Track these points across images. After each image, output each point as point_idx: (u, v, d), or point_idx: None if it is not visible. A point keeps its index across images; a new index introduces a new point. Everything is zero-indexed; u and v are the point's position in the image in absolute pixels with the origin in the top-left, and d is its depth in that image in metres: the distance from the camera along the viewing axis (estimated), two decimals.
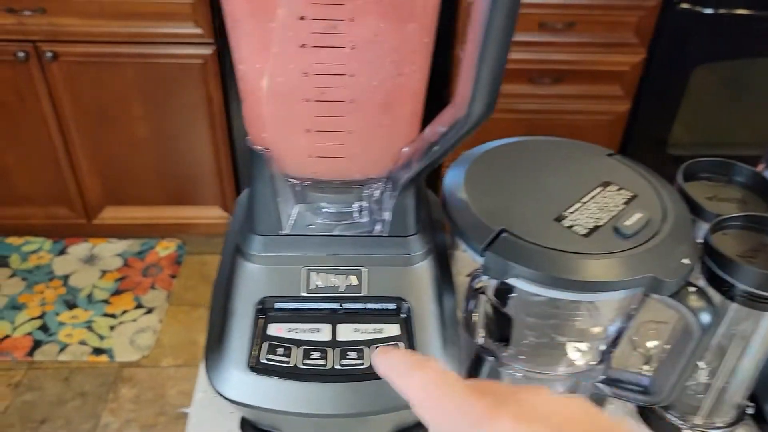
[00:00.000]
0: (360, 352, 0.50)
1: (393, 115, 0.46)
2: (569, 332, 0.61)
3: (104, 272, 1.99)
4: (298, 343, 0.50)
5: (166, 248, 2.09)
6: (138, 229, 2.09)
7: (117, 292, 1.92)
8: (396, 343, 0.51)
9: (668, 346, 0.65)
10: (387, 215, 0.51)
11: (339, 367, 0.50)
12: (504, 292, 0.61)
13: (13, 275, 1.95)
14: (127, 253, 2.06)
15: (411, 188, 0.50)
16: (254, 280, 0.51)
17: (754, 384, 0.61)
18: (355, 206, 0.52)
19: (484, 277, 0.66)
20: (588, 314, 0.61)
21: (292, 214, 0.51)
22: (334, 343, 0.51)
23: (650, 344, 0.70)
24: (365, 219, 0.52)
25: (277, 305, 0.51)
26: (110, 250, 2.06)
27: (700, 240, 0.55)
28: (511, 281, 0.51)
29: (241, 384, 0.49)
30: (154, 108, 1.83)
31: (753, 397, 0.63)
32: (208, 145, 1.90)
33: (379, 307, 0.52)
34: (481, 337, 0.61)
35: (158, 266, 2.02)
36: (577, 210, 0.54)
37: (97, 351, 1.75)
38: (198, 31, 1.75)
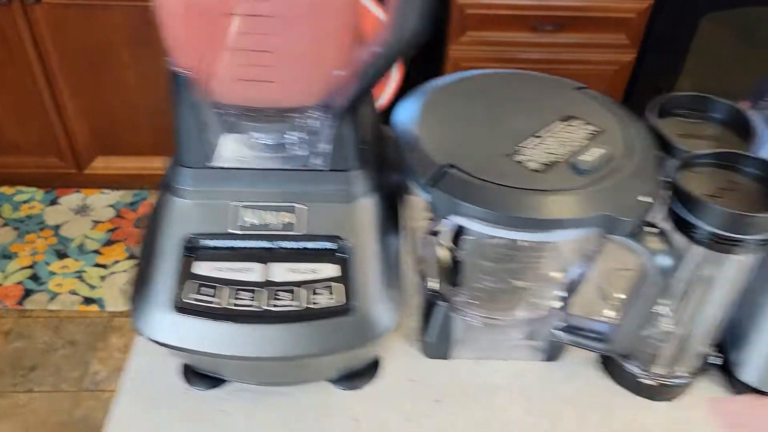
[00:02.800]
0: (293, 293, 0.47)
1: (321, 31, 0.42)
2: (527, 276, 0.58)
3: (96, 223, 1.97)
4: (228, 282, 0.47)
5: None
6: (129, 179, 2.06)
7: (108, 243, 1.91)
8: (330, 285, 0.48)
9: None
10: (325, 147, 0.47)
11: (270, 308, 0.47)
12: (460, 234, 0.57)
13: (4, 225, 1.94)
14: (119, 204, 2.04)
15: (349, 118, 0.46)
16: (181, 216, 0.48)
17: (719, 333, 0.57)
18: (290, 137, 0.48)
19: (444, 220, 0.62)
20: (546, 257, 0.57)
21: (220, 145, 0.47)
22: (266, 283, 0.48)
23: (619, 294, 0.66)
24: (302, 151, 0.48)
25: (205, 243, 0.48)
26: (103, 201, 2.04)
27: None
28: (459, 220, 0.47)
29: (165, 325, 0.47)
30: (143, 54, 1.78)
31: (721, 349, 0.59)
32: None
33: (316, 247, 0.49)
34: (432, 282, 0.57)
35: None
36: (534, 145, 0.49)
37: (88, 300, 1.75)
38: None
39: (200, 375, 0.58)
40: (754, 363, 0.56)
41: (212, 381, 0.58)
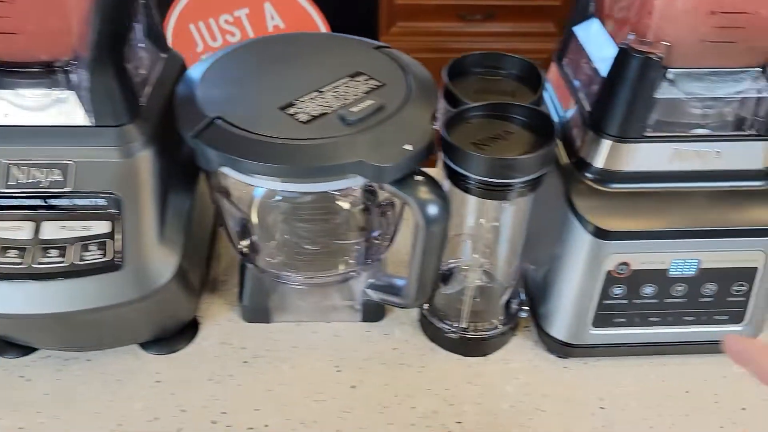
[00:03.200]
0: (62, 250, 0.47)
1: None
2: (333, 236, 0.58)
3: None
4: None
5: None
6: None
7: None
8: (103, 241, 0.48)
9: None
10: (92, 102, 0.47)
11: (36, 266, 0.47)
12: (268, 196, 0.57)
13: None
14: None
15: (111, 71, 0.46)
16: None
17: (519, 283, 0.58)
18: (56, 92, 0.47)
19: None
20: (346, 215, 0.57)
21: None
22: (36, 241, 0.47)
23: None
24: (71, 107, 0.48)
25: None
26: None
27: None
28: (226, 171, 0.47)
29: None
30: None
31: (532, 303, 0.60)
32: None
33: (88, 203, 0.48)
34: (241, 245, 0.57)
35: None
36: (311, 99, 0.50)
37: None
38: None
39: (8, 343, 0.57)
40: (559, 315, 0.56)
41: (21, 349, 0.57)
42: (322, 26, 1.92)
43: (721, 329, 0.57)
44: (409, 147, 0.47)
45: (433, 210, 0.47)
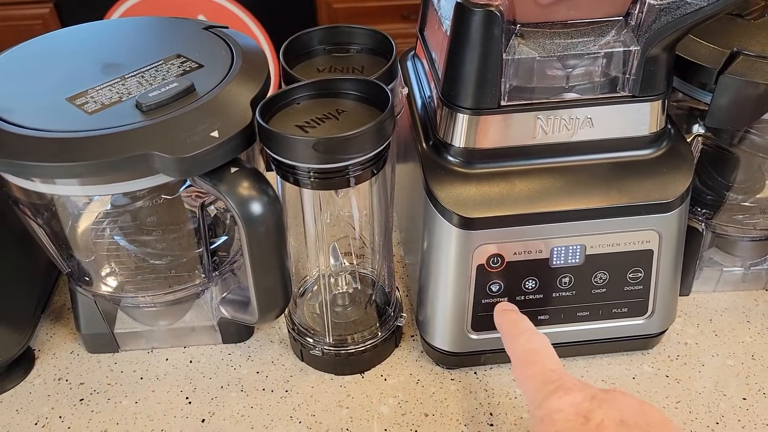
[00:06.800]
0: None
1: None
2: (168, 249, 0.50)
3: None
4: None
5: None
6: None
7: None
8: None
9: None
10: None
11: None
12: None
13: None
14: None
15: None
16: None
17: (393, 287, 0.50)
18: None
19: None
20: (181, 224, 0.50)
21: None
22: None
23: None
24: None
25: None
26: None
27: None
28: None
29: None
30: None
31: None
32: None
33: None
34: (63, 266, 0.50)
35: None
36: (110, 87, 0.42)
37: None
38: None
39: None
40: (436, 320, 0.49)
41: None
42: (260, 34, 1.86)
43: (623, 324, 0.49)
44: (215, 134, 0.39)
45: (254, 208, 0.40)
